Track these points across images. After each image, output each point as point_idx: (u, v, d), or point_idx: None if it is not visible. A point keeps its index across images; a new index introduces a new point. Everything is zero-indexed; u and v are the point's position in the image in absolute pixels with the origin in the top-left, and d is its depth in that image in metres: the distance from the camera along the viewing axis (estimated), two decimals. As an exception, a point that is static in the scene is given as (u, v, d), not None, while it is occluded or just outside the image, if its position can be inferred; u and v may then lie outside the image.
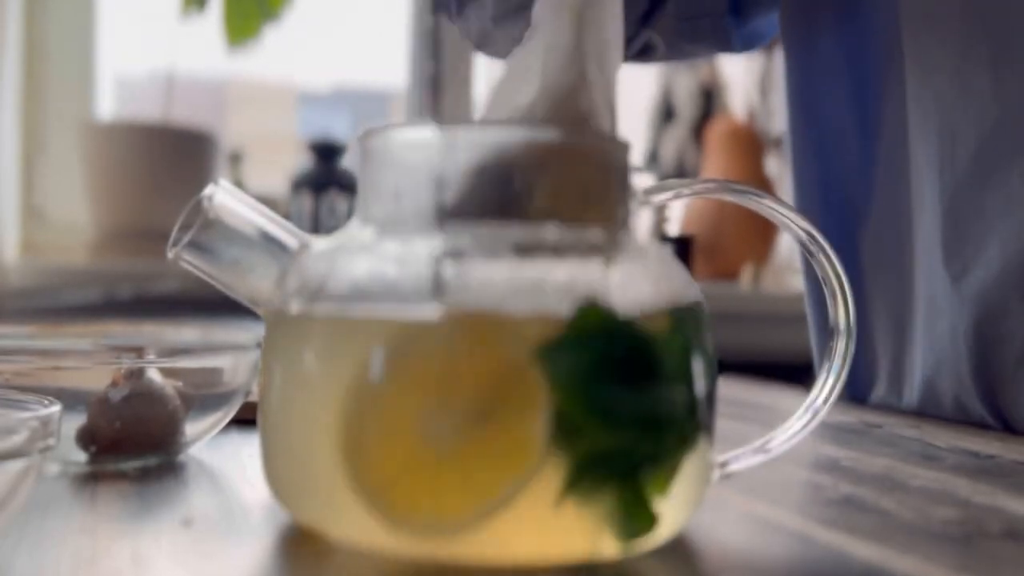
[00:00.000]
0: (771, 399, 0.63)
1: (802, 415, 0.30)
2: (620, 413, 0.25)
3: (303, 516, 0.27)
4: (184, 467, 0.36)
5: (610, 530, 0.25)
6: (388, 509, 0.25)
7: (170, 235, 0.30)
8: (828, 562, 0.26)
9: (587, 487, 0.24)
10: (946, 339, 0.51)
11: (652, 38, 0.61)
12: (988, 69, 0.48)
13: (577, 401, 0.24)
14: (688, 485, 0.27)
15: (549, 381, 0.24)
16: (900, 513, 0.31)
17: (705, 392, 0.27)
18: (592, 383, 0.24)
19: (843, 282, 0.30)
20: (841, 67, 0.58)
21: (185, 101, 1.42)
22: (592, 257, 0.26)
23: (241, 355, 0.38)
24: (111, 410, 0.35)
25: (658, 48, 0.62)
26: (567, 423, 0.24)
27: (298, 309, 0.27)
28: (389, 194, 0.27)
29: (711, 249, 1.53)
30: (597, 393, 0.24)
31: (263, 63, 1.49)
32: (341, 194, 1.35)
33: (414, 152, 0.27)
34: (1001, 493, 0.34)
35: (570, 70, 0.29)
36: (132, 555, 0.25)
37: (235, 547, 0.27)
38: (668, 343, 0.26)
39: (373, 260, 0.27)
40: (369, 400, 0.25)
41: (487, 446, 0.24)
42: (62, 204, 1.39)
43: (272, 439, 0.28)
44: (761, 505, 0.32)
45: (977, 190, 0.49)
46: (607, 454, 0.25)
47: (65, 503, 0.31)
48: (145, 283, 1.18)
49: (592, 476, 0.24)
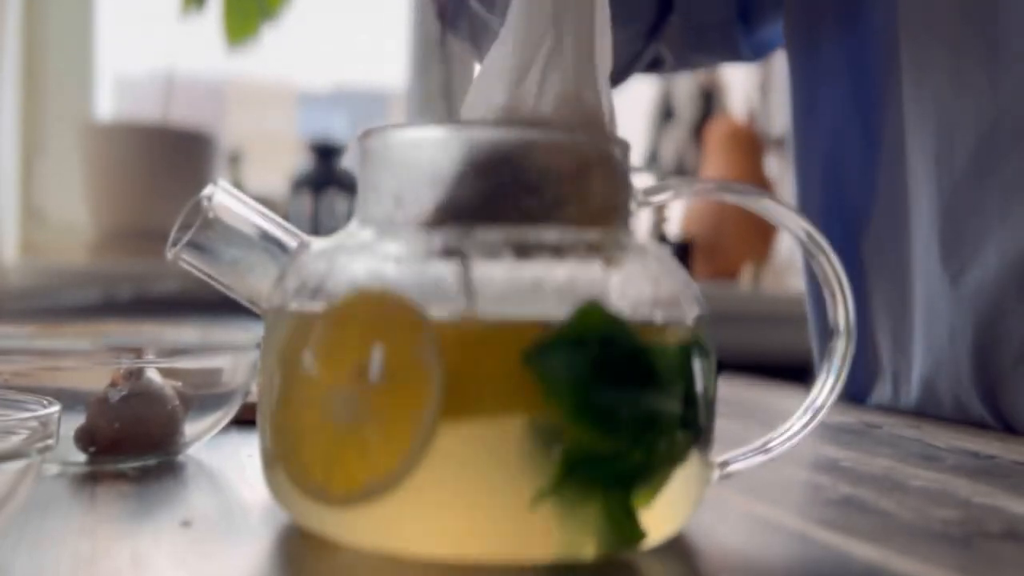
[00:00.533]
0: (771, 399, 0.63)
1: (802, 415, 0.30)
2: (612, 417, 0.25)
3: (302, 517, 0.27)
4: (183, 467, 0.36)
5: (593, 538, 0.25)
6: (291, 476, 0.27)
7: (169, 235, 0.30)
8: (828, 562, 0.26)
9: (571, 492, 0.24)
10: (945, 339, 0.51)
11: (660, 51, 0.62)
12: (983, 68, 0.48)
13: (565, 403, 0.24)
14: (688, 485, 0.27)
15: (540, 382, 0.24)
16: (900, 513, 0.31)
17: (704, 393, 0.27)
18: (583, 386, 0.24)
19: (843, 282, 0.30)
20: (843, 71, 0.58)
21: (184, 101, 1.42)
22: (592, 257, 0.26)
23: (240, 355, 0.38)
24: (110, 410, 0.35)
25: (667, 60, 0.62)
26: (549, 424, 0.24)
27: (297, 309, 0.27)
28: (389, 194, 0.27)
29: (711, 249, 1.53)
30: (587, 396, 0.24)
31: (262, 63, 1.49)
32: (340, 194, 1.35)
33: (414, 152, 0.27)
34: (1001, 493, 0.34)
35: (572, 72, 0.29)
36: (131, 555, 0.25)
37: (234, 547, 0.27)
38: (665, 346, 0.26)
39: (372, 260, 0.27)
40: (288, 376, 0.27)
41: (375, 422, 0.25)
42: (61, 204, 1.39)
43: (271, 439, 0.28)
44: (761, 505, 0.32)
45: (974, 189, 0.49)
46: (594, 459, 0.24)
47: (64, 503, 0.30)
48: (144, 283, 1.18)
49: (577, 481, 0.24)
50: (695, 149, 1.72)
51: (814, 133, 0.60)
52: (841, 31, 0.58)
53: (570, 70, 0.28)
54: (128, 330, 0.46)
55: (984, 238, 0.49)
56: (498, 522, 0.25)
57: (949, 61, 0.50)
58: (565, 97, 0.28)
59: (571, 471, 0.24)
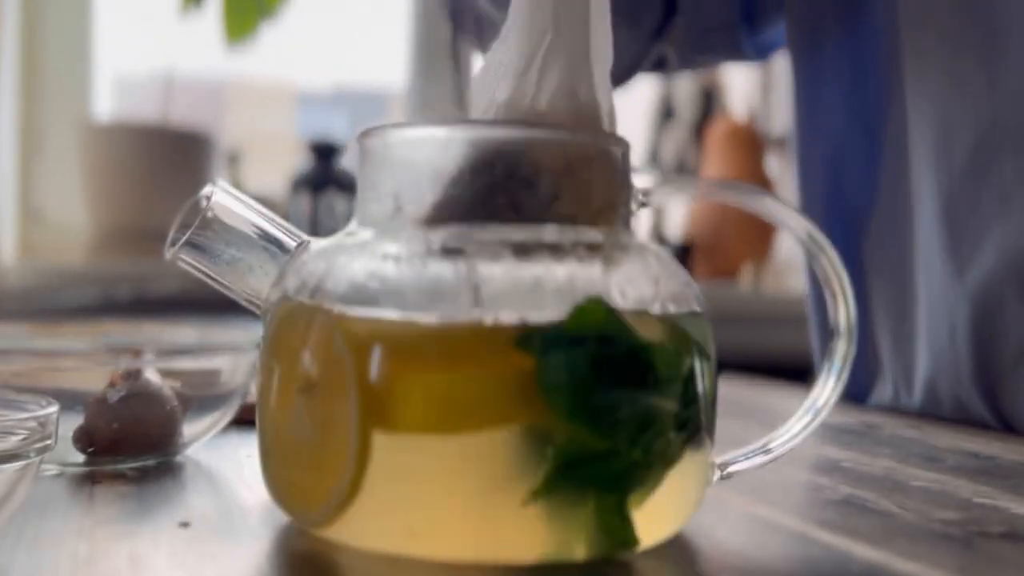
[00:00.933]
0: (771, 399, 0.63)
1: (802, 416, 0.30)
2: (608, 417, 0.24)
3: (301, 517, 0.27)
4: (182, 468, 0.36)
5: (585, 540, 0.25)
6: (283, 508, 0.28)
7: (168, 235, 0.30)
8: (828, 563, 0.26)
9: (563, 494, 0.24)
10: (945, 338, 0.51)
11: (665, 51, 0.62)
12: (983, 67, 0.48)
13: (561, 402, 0.24)
14: (688, 485, 0.27)
15: (535, 380, 0.24)
16: (901, 514, 0.31)
17: (704, 394, 0.27)
18: (580, 385, 0.24)
19: (844, 282, 0.29)
20: (844, 71, 0.58)
21: (183, 101, 1.42)
22: (592, 257, 0.26)
23: (239, 356, 0.38)
24: (109, 411, 0.35)
25: (671, 61, 0.63)
26: (543, 425, 0.24)
27: (296, 310, 0.27)
28: (388, 194, 0.27)
29: (711, 249, 1.53)
30: (584, 395, 0.24)
31: (262, 63, 1.49)
32: (340, 194, 1.35)
33: (413, 152, 0.27)
34: (1002, 494, 0.34)
35: (567, 69, 0.28)
36: (130, 556, 0.25)
37: (233, 548, 0.27)
38: (665, 346, 0.26)
39: (372, 260, 0.27)
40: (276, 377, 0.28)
41: (318, 436, 0.25)
42: (60, 204, 1.39)
43: (270, 440, 0.28)
44: (761, 506, 0.32)
45: (974, 187, 0.49)
46: (588, 460, 0.24)
47: (63, 504, 0.30)
48: (143, 283, 1.18)
49: (569, 483, 0.24)
50: (695, 149, 1.72)
51: (815, 133, 0.60)
52: (842, 31, 0.58)
53: (566, 67, 0.28)
54: (127, 330, 0.46)
55: (984, 237, 0.49)
56: (490, 523, 0.24)
57: (949, 61, 0.50)
58: (560, 93, 0.28)
59: (564, 472, 0.24)
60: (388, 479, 0.25)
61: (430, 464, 0.24)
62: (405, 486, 0.24)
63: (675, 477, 0.26)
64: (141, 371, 0.36)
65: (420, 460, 0.24)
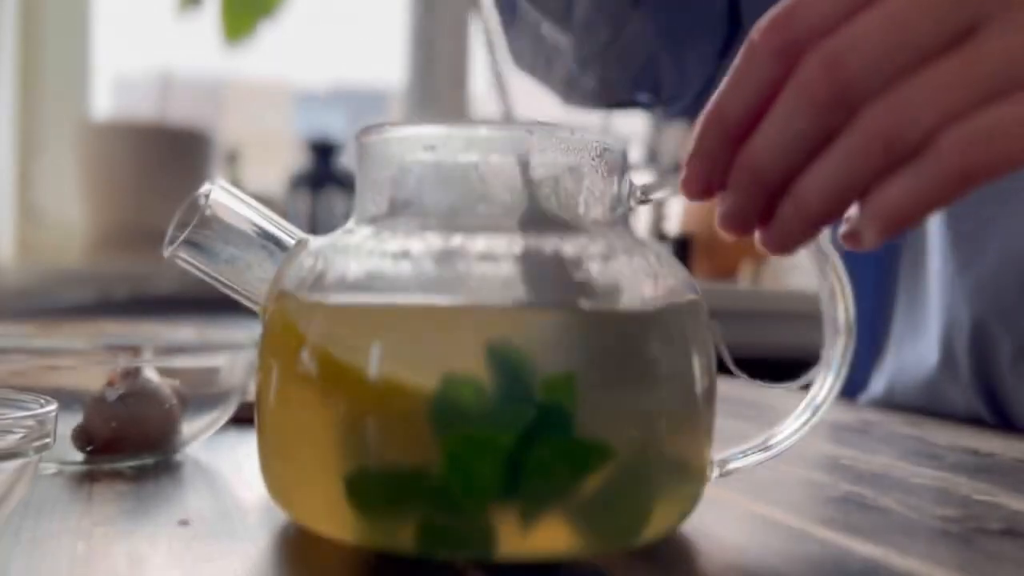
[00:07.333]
0: (771, 397, 0.63)
1: (802, 413, 0.30)
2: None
3: (300, 516, 0.27)
4: (181, 467, 0.36)
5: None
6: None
7: (166, 234, 0.30)
8: (828, 560, 0.26)
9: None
10: (946, 336, 0.51)
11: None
12: None
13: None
14: (687, 483, 0.27)
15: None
16: (900, 511, 0.31)
17: (703, 391, 0.27)
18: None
19: (843, 280, 0.29)
20: None
21: (182, 100, 1.41)
22: (592, 255, 0.26)
23: (238, 354, 0.38)
24: (107, 409, 0.35)
25: None
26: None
27: (295, 308, 0.27)
28: (386, 192, 0.27)
29: (710, 247, 1.53)
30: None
31: (260, 62, 1.49)
32: (338, 193, 1.35)
33: (412, 151, 0.27)
34: (1001, 491, 0.34)
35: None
36: (128, 555, 0.25)
37: (232, 547, 0.27)
38: (663, 344, 0.26)
39: (370, 258, 0.27)
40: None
41: (317, 432, 0.26)
42: (58, 204, 1.39)
43: (269, 438, 0.28)
44: (761, 503, 0.32)
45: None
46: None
47: (61, 503, 0.30)
48: (141, 282, 1.18)
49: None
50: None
51: None
52: None
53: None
54: (125, 329, 0.46)
55: (985, 233, 0.49)
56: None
57: None
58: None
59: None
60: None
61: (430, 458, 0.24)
62: (400, 479, 0.24)
63: (674, 475, 0.26)
64: (140, 370, 0.36)
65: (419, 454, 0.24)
